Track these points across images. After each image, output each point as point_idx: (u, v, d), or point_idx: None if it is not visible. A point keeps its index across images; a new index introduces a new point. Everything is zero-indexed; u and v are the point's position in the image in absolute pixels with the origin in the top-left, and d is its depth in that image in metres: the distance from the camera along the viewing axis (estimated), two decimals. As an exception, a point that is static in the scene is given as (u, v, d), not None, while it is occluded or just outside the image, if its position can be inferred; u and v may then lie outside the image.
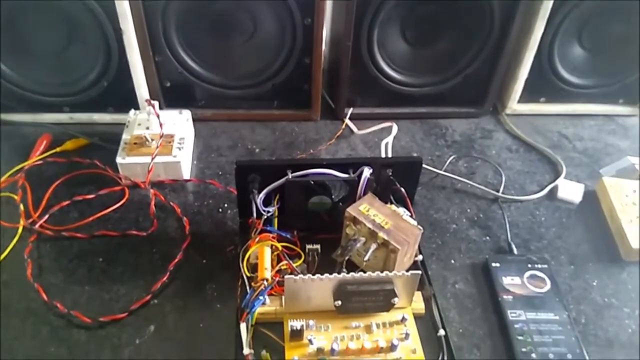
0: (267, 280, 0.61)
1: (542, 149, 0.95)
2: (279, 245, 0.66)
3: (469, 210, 0.82)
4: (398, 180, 0.71)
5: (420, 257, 0.69)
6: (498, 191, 0.85)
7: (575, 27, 0.94)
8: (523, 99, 1.02)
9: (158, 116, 0.80)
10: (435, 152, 0.94)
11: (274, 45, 0.89)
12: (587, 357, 0.61)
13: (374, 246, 0.63)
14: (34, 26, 0.83)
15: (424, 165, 0.88)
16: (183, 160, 0.81)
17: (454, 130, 1.00)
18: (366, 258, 0.63)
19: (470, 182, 0.86)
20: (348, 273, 0.62)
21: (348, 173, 0.69)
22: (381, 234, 0.63)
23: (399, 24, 0.91)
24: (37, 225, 0.73)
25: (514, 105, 1.03)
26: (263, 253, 0.63)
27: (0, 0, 0.78)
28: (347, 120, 0.97)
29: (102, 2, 0.79)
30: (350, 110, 0.97)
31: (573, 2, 0.89)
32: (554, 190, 0.86)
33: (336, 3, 0.93)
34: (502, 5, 0.87)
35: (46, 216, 0.75)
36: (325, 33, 0.89)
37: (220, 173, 0.86)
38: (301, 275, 0.58)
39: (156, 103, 0.83)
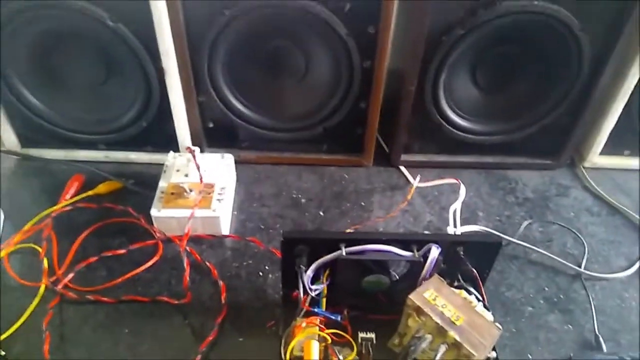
0: (314, 383, 0.52)
1: (627, 212, 0.83)
2: (327, 336, 0.56)
3: (546, 289, 0.71)
4: (470, 259, 0.61)
5: (494, 355, 0.58)
6: (580, 265, 0.74)
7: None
8: (604, 151, 0.90)
9: (198, 168, 0.73)
10: (505, 212, 0.83)
11: (327, 87, 0.81)
12: None
13: (443, 348, 0.53)
14: (70, 61, 0.77)
15: (492, 231, 0.78)
16: (222, 215, 0.73)
17: (525, 184, 0.88)
18: (435, 361, 0.53)
19: (547, 253, 0.75)
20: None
21: (411, 250, 0.59)
22: (452, 333, 0.52)
23: (470, 67, 0.81)
24: (60, 285, 0.66)
25: (595, 158, 0.91)
26: (310, 349, 0.54)
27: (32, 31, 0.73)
28: (414, 185, 0.87)
29: (143, 39, 0.72)
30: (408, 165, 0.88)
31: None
32: (644, 267, 0.74)
33: (396, 41, 0.84)
34: (594, 47, 0.76)
35: (71, 274, 0.68)
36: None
37: (262, 227, 0.78)
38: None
39: (197, 149, 0.75)
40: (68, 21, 0.71)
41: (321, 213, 0.81)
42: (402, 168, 0.90)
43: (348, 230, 0.78)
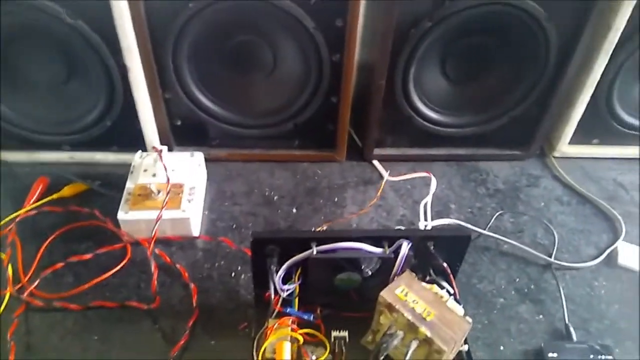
0: (286, 385, 0.52)
1: (596, 201, 0.84)
2: (300, 337, 0.56)
3: (517, 280, 0.72)
4: (440, 253, 0.61)
5: (465, 348, 0.58)
6: (550, 255, 0.75)
7: (640, 63, 0.82)
8: (573, 140, 0.91)
9: (165, 169, 0.71)
10: (476, 203, 0.83)
11: (296, 82, 0.79)
12: None
13: (414, 344, 0.53)
14: (30, 59, 0.75)
15: (464, 224, 0.79)
16: (192, 216, 0.72)
17: (496, 175, 0.89)
18: (407, 359, 0.53)
19: (518, 244, 0.75)
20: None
21: (382, 247, 0.59)
22: (423, 329, 0.52)
23: (439, 59, 0.80)
24: (25, 293, 0.64)
25: (564, 147, 0.92)
26: (282, 351, 0.53)
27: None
28: (384, 179, 0.87)
29: (104, 35, 0.70)
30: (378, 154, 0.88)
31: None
32: (613, 255, 0.75)
33: (366, 36, 0.83)
34: (560, 38, 0.76)
35: (37, 281, 0.66)
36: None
37: (234, 226, 0.77)
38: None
39: (164, 148, 0.74)
40: (25, 18, 0.68)
41: (294, 210, 0.81)
42: (376, 162, 0.90)
43: (320, 228, 0.77)
